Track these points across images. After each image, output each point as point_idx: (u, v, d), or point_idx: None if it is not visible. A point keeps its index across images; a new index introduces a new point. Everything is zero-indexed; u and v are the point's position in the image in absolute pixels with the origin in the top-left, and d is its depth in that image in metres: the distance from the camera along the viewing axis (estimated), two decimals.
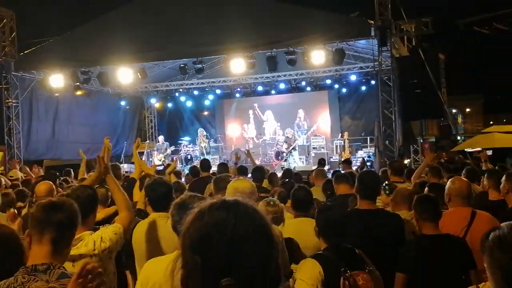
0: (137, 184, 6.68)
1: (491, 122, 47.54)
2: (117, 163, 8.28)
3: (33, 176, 11.56)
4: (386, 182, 6.26)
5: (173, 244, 3.80)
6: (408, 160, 16.13)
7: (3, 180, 8.92)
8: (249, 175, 8.30)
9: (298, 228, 4.35)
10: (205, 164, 9.81)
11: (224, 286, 1.14)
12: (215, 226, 1.20)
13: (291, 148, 18.86)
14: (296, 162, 18.50)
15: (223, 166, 9.55)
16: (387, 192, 5.66)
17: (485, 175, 5.87)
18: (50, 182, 6.36)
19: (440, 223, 4.08)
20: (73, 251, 3.26)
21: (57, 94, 17.62)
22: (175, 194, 4.43)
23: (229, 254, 1.17)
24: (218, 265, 1.17)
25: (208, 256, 1.18)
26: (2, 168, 15.96)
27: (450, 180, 4.92)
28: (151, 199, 4.47)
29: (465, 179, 5.02)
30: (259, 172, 7.85)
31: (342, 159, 14.86)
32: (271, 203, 4.43)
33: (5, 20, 16.88)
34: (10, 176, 10.66)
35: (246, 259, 1.18)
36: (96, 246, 3.39)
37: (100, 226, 3.82)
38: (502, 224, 1.27)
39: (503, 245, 1.21)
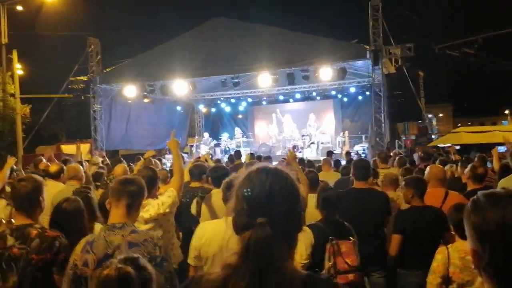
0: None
1: (459, 125, 46.67)
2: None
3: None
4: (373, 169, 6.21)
5: (223, 210, 3.84)
6: (392, 152, 15.92)
7: (86, 164, 8.96)
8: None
9: (309, 202, 4.33)
10: (237, 153, 9.87)
11: (258, 223, 1.20)
12: (258, 184, 1.27)
13: (310, 142, 18.84)
14: (313, 152, 18.34)
15: (251, 155, 9.58)
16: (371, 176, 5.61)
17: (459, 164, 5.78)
18: (125, 165, 6.46)
19: None
20: (145, 214, 3.38)
21: (130, 101, 17.86)
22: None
23: (266, 202, 1.24)
24: (258, 209, 1.23)
25: (252, 204, 1.25)
26: (90, 155, 16.25)
27: (429, 166, 4.85)
28: (212, 178, 4.53)
29: (441, 166, 4.95)
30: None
31: (345, 152, 14.71)
32: None
33: (92, 46, 17.18)
34: (93, 161, 10.74)
35: (277, 206, 1.23)
36: (160, 207, 3.53)
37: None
38: (478, 193, 1.21)
39: (477, 208, 1.16)
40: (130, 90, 16.61)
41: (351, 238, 3.48)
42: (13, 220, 2.79)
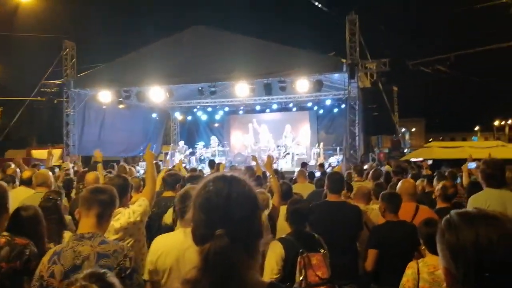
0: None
1: (431, 139, 47.69)
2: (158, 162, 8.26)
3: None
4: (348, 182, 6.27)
5: None
6: (368, 164, 16.11)
7: (57, 170, 8.77)
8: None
9: (281, 214, 4.32)
10: (211, 163, 9.86)
11: (217, 235, 1.18)
12: (214, 192, 1.26)
13: (285, 153, 18.94)
14: (288, 164, 18.48)
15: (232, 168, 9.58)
16: (345, 189, 5.66)
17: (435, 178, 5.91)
18: (97, 173, 6.32)
19: None
20: (116, 223, 3.32)
21: (104, 107, 17.56)
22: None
23: (224, 211, 1.22)
24: (216, 219, 1.22)
25: (209, 213, 1.23)
26: (61, 161, 15.90)
27: (400, 181, 4.91)
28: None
29: (412, 181, 5.02)
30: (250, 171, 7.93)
31: (318, 163, 14.82)
32: (261, 191, 4.48)
33: (67, 49, 16.89)
34: (64, 167, 10.51)
35: (235, 215, 1.22)
36: (130, 216, 3.46)
37: None
38: (451, 212, 1.24)
39: (451, 227, 1.18)
40: (105, 95, 16.35)
41: (322, 250, 3.47)
42: None
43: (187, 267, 1.26)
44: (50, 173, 5.27)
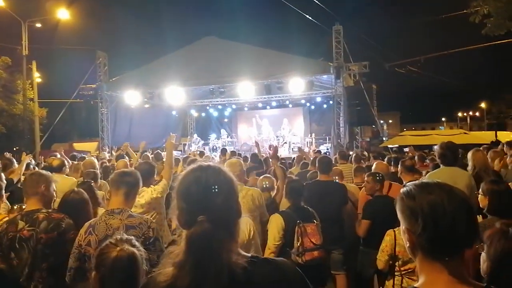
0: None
1: (404, 129, 47.52)
2: (159, 151, 8.21)
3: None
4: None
5: None
6: (353, 151, 16.05)
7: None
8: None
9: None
10: (223, 151, 9.90)
11: (199, 221, 1.11)
12: (193, 182, 1.18)
13: (283, 142, 18.91)
14: (285, 151, 18.45)
15: (233, 153, 9.61)
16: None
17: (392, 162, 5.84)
18: (126, 160, 6.34)
19: None
20: (141, 199, 3.44)
21: (132, 106, 17.58)
22: None
23: (203, 199, 1.15)
24: (196, 206, 1.14)
25: (190, 201, 1.16)
26: (98, 152, 15.95)
27: (375, 163, 4.90)
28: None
29: (385, 163, 5.00)
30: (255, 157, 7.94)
31: (313, 150, 14.75)
32: (268, 176, 4.52)
33: (100, 58, 16.89)
34: (100, 157, 10.53)
35: (214, 201, 1.15)
36: (152, 193, 3.59)
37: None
38: (408, 183, 1.27)
39: (410, 194, 1.21)
40: (132, 97, 16.35)
41: (315, 221, 3.52)
42: (23, 206, 2.74)
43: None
44: (96, 161, 5.28)
